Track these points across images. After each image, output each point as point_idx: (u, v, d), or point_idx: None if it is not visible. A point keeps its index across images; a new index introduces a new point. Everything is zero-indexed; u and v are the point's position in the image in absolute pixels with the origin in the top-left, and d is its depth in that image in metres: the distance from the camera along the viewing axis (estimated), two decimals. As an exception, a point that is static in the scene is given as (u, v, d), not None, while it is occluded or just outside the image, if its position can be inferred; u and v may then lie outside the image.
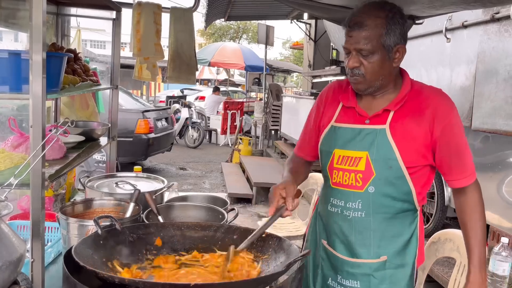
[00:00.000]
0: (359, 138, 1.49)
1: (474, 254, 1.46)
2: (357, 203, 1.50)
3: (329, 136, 1.58)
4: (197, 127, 11.61)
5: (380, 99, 1.51)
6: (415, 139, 1.44)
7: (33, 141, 1.58)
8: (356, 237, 1.53)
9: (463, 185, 1.48)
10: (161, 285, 0.99)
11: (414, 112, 1.45)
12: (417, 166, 1.46)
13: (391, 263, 1.52)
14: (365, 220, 1.50)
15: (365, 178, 1.47)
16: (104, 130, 2.55)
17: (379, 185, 1.46)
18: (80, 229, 1.61)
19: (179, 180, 7.74)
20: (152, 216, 1.75)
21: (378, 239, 1.51)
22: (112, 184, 2.13)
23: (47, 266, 1.87)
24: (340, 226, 1.55)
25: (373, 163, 1.45)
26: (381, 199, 1.48)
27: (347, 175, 1.50)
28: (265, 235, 1.44)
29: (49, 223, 2.05)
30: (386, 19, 1.41)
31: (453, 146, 1.45)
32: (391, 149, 1.44)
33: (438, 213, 3.77)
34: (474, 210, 1.47)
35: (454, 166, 1.47)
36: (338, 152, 1.53)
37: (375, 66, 1.42)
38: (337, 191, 1.54)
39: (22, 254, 1.28)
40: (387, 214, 1.50)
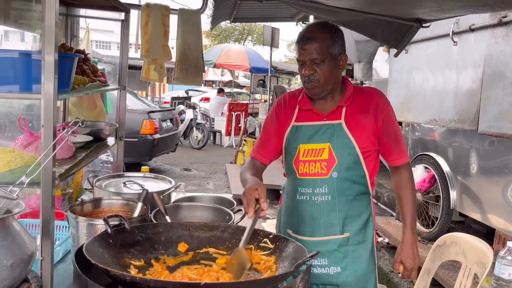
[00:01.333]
0: (321, 132, 1.76)
1: (407, 219, 1.79)
2: (324, 187, 1.75)
3: (292, 134, 1.81)
4: (201, 128, 11.63)
5: (331, 101, 1.79)
6: (365, 128, 1.74)
7: (44, 140, 1.59)
8: (324, 219, 1.76)
9: (400, 163, 1.81)
10: (172, 284, 1.00)
11: (361, 107, 1.76)
12: (369, 151, 1.75)
13: (354, 239, 1.78)
14: (331, 203, 1.75)
15: (329, 165, 1.74)
16: (111, 130, 2.57)
17: (341, 170, 1.73)
18: (89, 228, 1.63)
19: (183, 180, 7.75)
20: (160, 216, 1.76)
21: (342, 218, 1.76)
22: (120, 184, 2.14)
23: (55, 264, 1.89)
24: (309, 211, 1.77)
25: (335, 151, 1.73)
26: (343, 183, 1.75)
27: (313, 164, 1.75)
28: (272, 236, 1.45)
29: (57, 222, 2.07)
30: (330, 33, 1.72)
31: (392, 132, 1.78)
32: (348, 138, 1.73)
33: (443, 217, 3.77)
34: (407, 185, 1.81)
35: (393, 148, 1.79)
36: (303, 147, 1.77)
37: (326, 72, 1.70)
38: (305, 180, 1.77)
39: (33, 252, 1.30)
40: (349, 196, 1.77)
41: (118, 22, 2.78)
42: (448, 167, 3.74)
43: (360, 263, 1.79)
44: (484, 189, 3.39)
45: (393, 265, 1.84)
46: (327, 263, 1.77)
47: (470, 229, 4.28)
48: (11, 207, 1.32)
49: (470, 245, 2.38)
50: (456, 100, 3.34)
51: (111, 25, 4.78)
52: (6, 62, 1.68)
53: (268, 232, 1.49)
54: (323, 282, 1.79)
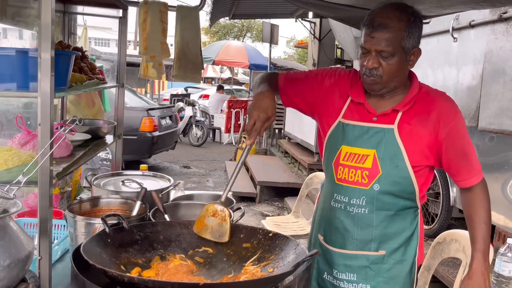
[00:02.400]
0: (367, 136, 1.52)
1: (479, 243, 1.49)
2: (361, 199, 1.53)
3: (336, 132, 1.59)
4: (201, 125, 11.62)
5: (389, 99, 1.54)
6: (421, 139, 1.49)
7: (41, 139, 1.58)
8: (358, 233, 1.56)
9: (472, 184, 1.53)
10: (171, 285, 0.99)
11: (421, 114, 1.50)
12: (421, 166, 1.51)
13: (390, 258, 1.57)
14: (368, 217, 1.54)
15: (371, 175, 1.51)
16: (110, 128, 2.55)
17: (385, 183, 1.50)
18: (87, 227, 1.62)
19: (183, 178, 7.75)
20: (159, 215, 1.75)
21: (379, 235, 1.56)
22: (118, 182, 2.13)
23: (54, 263, 1.88)
24: (343, 221, 1.58)
25: (380, 161, 1.49)
26: (385, 197, 1.52)
27: (353, 171, 1.54)
28: (272, 234, 1.44)
29: (55, 221, 2.05)
30: (408, 22, 1.43)
31: (460, 147, 1.49)
32: (398, 148, 1.48)
33: (443, 214, 3.76)
34: (480, 205, 1.52)
35: (462, 167, 1.51)
36: (345, 149, 1.55)
37: (393, 68, 1.43)
38: (342, 187, 1.57)
39: (31, 252, 1.29)
40: (390, 211, 1.55)
41: (116, 19, 2.76)
42: (448, 163, 3.73)
43: (394, 283, 1.58)
44: (484, 185, 3.38)
45: None
46: (356, 279, 1.58)
47: (470, 226, 4.28)
48: (8, 206, 1.31)
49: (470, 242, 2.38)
50: (456, 96, 3.32)
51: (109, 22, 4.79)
52: (3, 60, 1.66)
53: (268, 231, 1.48)
54: None
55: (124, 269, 1.29)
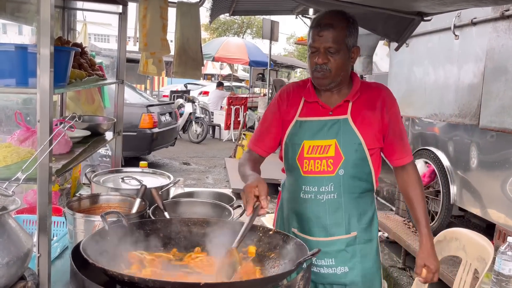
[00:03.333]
0: (326, 128, 1.70)
1: (422, 220, 1.73)
2: (330, 186, 1.70)
3: (295, 129, 1.74)
4: (200, 122, 11.60)
5: (337, 94, 1.73)
6: (372, 125, 1.69)
7: (40, 135, 1.57)
8: (330, 218, 1.71)
9: (406, 162, 1.76)
10: (171, 284, 0.98)
11: (368, 102, 1.71)
12: (374, 148, 1.71)
13: (360, 238, 1.74)
14: (337, 201, 1.71)
15: (336, 162, 1.69)
16: (109, 125, 2.54)
17: (347, 168, 1.69)
18: (87, 224, 1.61)
19: (182, 175, 7.74)
20: (159, 212, 1.75)
21: (348, 217, 1.72)
22: (118, 179, 2.12)
23: (53, 260, 1.87)
24: (314, 210, 1.72)
25: (342, 148, 1.68)
26: (349, 180, 1.70)
27: (319, 162, 1.70)
28: (272, 233, 1.43)
29: (55, 218, 2.05)
30: (348, 23, 1.66)
31: (397, 130, 1.73)
32: (355, 134, 1.68)
33: (443, 212, 3.76)
34: (416, 185, 1.75)
35: (397, 147, 1.74)
36: (307, 143, 1.71)
37: (340, 63, 1.64)
38: (309, 178, 1.72)
39: (30, 250, 1.28)
40: (354, 194, 1.72)
41: (116, 15, 2.74)
42: (448, 161, 3.73)
43: (367, 261, 1.75)
44: (485, 184, 3.37)
45: (416, 269, 1.74)
46: (334, 263, 1.72)
47: (469, 224, 4.28)
48: (7, 203, 1.30)
49: (471, 240, 2.37)
50: (457, 94, 3.31)
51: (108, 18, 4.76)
52: (2, 56, 1.65)
53: (268, 228, 1.47)
54: (330, 282, 1.75)
55: (123, 266, 1.28)
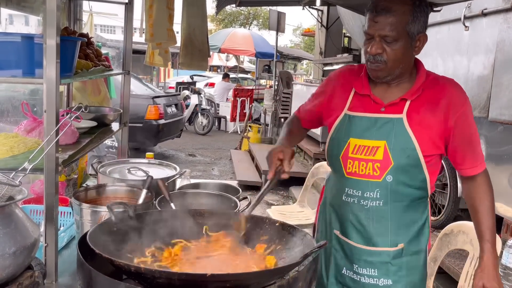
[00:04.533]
0: (376, 127, 1.49)
1: (487, 235, 1.48)
2: (375, 192, 1.51)
3: (342, 124, 1.56)
4: (206, 114, 11.59)
5: (395, 88, 1.51)
6: (431, 128, 1.46)
7: (47, 126, 1.57)
8: (373, 226, 1.54)
9: (475, 173, 1.51)
10: (177, 275, 0.98)
11: (430, 102, 1.47)
12: (432, 155, 1.49)
13: (408, 250, 1.55)
14: (382, 209, 1.52)
15: (383, 167, 1.48)
16: (116, 116, 2.54)
17: (397, 174, 1.48)
18: (93, 215, 1.61)
19: (188, 166, 7.76)
20: (165, 203, 1.74)
21: (395, 227, 1.53)
22: (124, 170, 2.12)
23: (60, 250, 1.88)
24: (357, 215, 1.55)
25: (391, 152, 1.47)
26: (398, 188, 1.50)
27: (364, 164, 1.50)
28: (278, 224, 1.42)
29: (62, 208, 2.05)
30: (413, 6, 1.40)
31: (467, 135, 1.48)
32: (409, 138, 1.46)
33: (450, 205, 3.73)
34: (484, 196, 1.50)
35: (468, 155, 1.49)
36: (354, 141, 1.52)
37: (398, 53, 1.41)
38: (353, 180, 1.54)
39: (37, 239, 1.28)
40: (404, 202, 1.52)
41: (122, 5, 2.72)
42: (456, 154, 3.68)
43: (413, 275, 1.57)
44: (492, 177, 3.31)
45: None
46: (377, 274, 1.55)
47: (476, 217, 4.24)
48: (14, 193, 1.30)
49: (478, 234, 2.35)
50: (467, 86, 3.26)
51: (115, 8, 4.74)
52: (9, 46, 1.65)
53: (274, 220, 1.46)
54: None
55: (130, 256, 1.28)
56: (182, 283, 0.98)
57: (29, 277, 1.24)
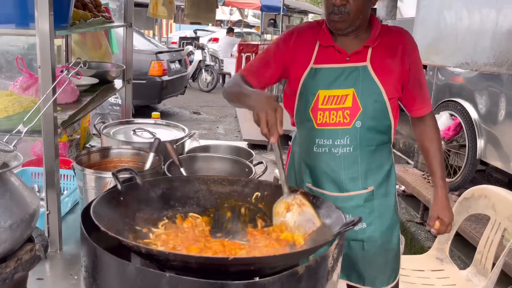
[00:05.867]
0: (343, 76, 1.57)
1: (438, 172, 1.67)
2: (345, 139, 1.59)
3: (309, 78, 1.60)
4: (210, 70, 11.32)
5: (355, 39, 1.59)
6: (392, 72, 1.57)
7: (42, 83, 1.42)
8: (345, 173, 1.62)
9: (425, 113, 1.67)
10: (195, 258, 0.86)
11: (388, 48, 1.58)
12: (393, 98, 1.59)
13: (378, 193, 1.65)
14: (353, 155, 1.60)
15: (352, 114, 1.56)
16: (118, 72, 2.37)
17: (365, 119, 1.57)
18: (98, 181, 1.49)
19: (193, 125, 7.63)
20: (174, 168, 1.62)
21: (364, 171, 1.62)
22: (129, 131, 1.98)
23: (63, 216, 1.78)
24: (329, 164, 1.62)
25: (360, 98, 1.55)
26: (366, 133, 1.59)
27: (334, 113, 1.58)
28: (301, 193, 1.30)
29: (64, 171, 1.94)
30: None
31: (418, 78, 1.62)
32: (374, 83, 1.55)
33: (468, 167, 3.60)
34: (433, 136, 1.68)
35: (418, 96, 1.64)
36: (323, 93, 1.58)
37: (360, 4, 1.51)
38: (324, 131, 1.60)
39: (36, 210, 1.16)
40: (371, 147, 1.62)
41: (122, -50, 2.48)
42: (476, 114, 3.52)
43: (385, 216, 1.68)
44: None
45: (429, 221, 1.70)
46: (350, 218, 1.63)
47: (491, 178, 4.15)
48: (8, 159, 1.16)
49: (501, 199, 2.24)
50: (494, 41, 3.04)
51: (114, -44, 4.43)
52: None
53: (296, 188, 1.33)
54: (347, 238, 1.63)
55: (139, 229, 1.17)
56: (200, 266, 0.86)
57: (29, 251, 1.13)
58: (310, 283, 0.98)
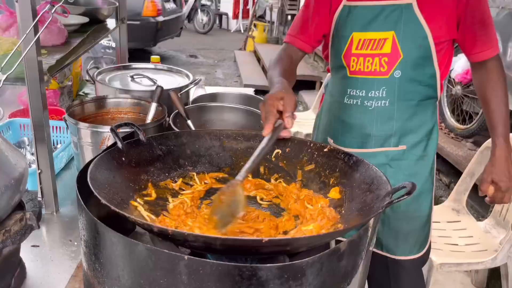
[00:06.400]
0: (382, 16, 1.34)
1: (499, 127, 1.39)
2: (381, 90, 1.38)
3: (342, 18, 1.39)
4: (206, 10, 10.77)
5: None
6: (444, 9, 1.33)
7: (21, 21, 1.19)
8: (376, 129, 1.42)
9: (487, 57, 1.38)
10: (221, 240, 0.70)
11: None
12: (443, 42, 1.36)
13: (411, 153, 1.44)
14: (388, 110, 1.40)
15: (391, 61, 1.35)
16: (111, 10, 2.10)
17: (406, 68, 1.35)
18: (94, 136, 1.30)
19: (190, 69, 7.30)
20: (180, 120, 1.43)
21: (399, 129, 1.42)
22: (126, 77, 1.76)
23: (59, 173, 1.62)
24: (359, 119, 1.43)
25: (400, 43, 1.33)
26: (407, 84, 1.38)
27: (370, 60, 1.37)
28: (328, 150, 1.12)
29: (56, 122, 1.75)
30: None
31: (479, 15, 1.34)
32: (420, 25, 1.31)
33: (484, 113, 3.43)
34: (497, 84, 1.39)
35: (479, 37, 1.36)
36: (357, 36, 1.37)
37: None
38: (356, 80, 1.41)
39: (22, 173, 0.99)
40: (412, 101, 1.40)
41: None
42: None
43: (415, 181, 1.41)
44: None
45: (481, 185, 1.41)
46: None
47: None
48: (-15, 114, 0.98)
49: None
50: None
51: None
52: None
53: (322, 144, 1.16)
54: None
55: (144, 193, 1.01)
56: (226, 248, 0.70)
57: (18, 220, 0.97)
58: (351, 259, 0.84)
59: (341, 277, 0.82)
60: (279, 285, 0.71)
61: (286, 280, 0.72)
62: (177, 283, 0.72)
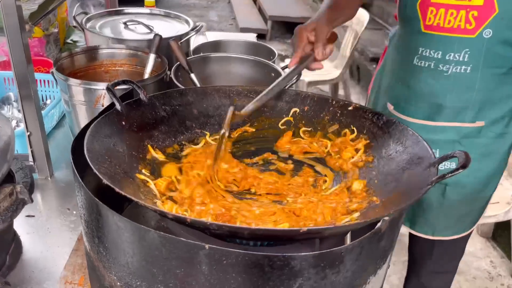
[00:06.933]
0: None
1: None
2: (463, 53, 1.13)
3: None
4: None
5: None
6: None
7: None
8: (451, 99, 1.19)
9: None
10: (248, 230, 0.59)
11: None
12: None
13: (488, 130, 1.22)
14: (469, 77, 1.15)
15: (482, 17, 1.08)
16: None
17: (501, 27, 1.08)
18: (88, 95, 1.16)
19: (182, 11, 6.91)
20: (182, 74, 1.28)
21: (480, 102, 1.19)
22: (119, 24, 1.58)
23: (50, 132, 1.49)
24: (430, 85, 1.20)
25: None
26: (497, 48, 1.11)
27: (453, 13, 1.09)
28: (353, 108, 1.00)
29: (44, 75, 1.59)
30: None
31: None
32: None
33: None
34: None
35: None
36: None
37: None
38: (432, 37, 1.15)
39: (8, 142, 0.86)
40: (501, 69, 1.15)
41: None
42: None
43: (490, 161, 1.25)
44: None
45: None
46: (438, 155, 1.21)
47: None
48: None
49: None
50: None
51: None
52: None
53: (346, 102, 1.03)
54: None
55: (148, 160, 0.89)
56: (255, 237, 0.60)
57: (8, 195, 0.86)
58: (389, 237, 0.75)
59: (379, 257, 0.73)
60: (314, 274, 0.62)
61: (322, 269, 0.62)
62: (197, 274, 0.62)
